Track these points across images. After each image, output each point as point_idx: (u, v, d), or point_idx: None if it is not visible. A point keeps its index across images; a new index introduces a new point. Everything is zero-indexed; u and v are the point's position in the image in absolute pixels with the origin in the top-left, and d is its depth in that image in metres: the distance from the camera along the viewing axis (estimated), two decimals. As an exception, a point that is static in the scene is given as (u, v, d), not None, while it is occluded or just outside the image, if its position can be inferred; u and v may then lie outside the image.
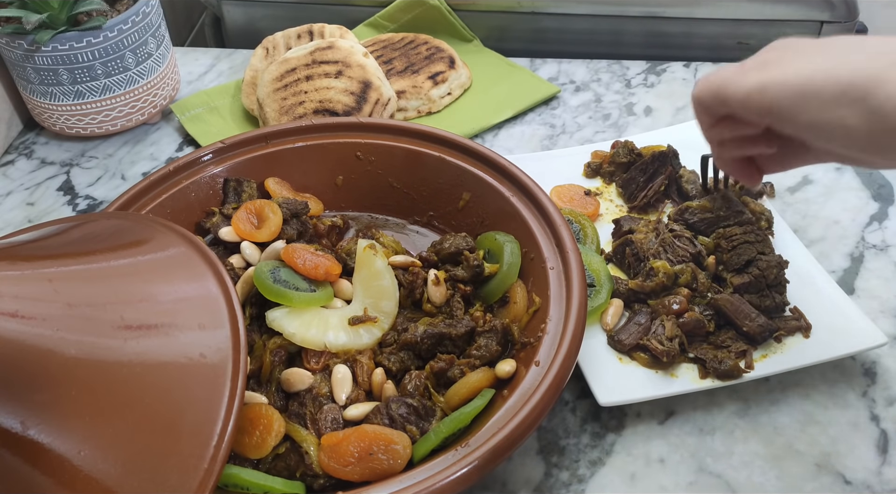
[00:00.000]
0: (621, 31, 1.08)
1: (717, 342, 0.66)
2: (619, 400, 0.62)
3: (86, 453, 0.47)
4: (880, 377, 0.67)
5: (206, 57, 1.07)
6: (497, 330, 0.62)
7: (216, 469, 0.47)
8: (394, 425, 0.56)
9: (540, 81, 0.99)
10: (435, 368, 0.60)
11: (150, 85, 0.91)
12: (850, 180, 0.85)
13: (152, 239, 0.60)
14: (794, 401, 0.65)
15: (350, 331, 0.62)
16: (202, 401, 0.49)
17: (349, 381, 0.59)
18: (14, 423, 0.46)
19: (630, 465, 0.61)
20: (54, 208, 0.86)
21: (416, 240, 0.75)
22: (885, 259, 0.77)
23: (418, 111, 0.95)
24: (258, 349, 0.61)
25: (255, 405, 0.57)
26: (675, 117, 0.94)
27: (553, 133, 0.93)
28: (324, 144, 0.76)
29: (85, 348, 0.49)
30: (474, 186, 0.72)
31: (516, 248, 0.67)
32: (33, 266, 0.54)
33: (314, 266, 0.64)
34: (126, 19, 0.85)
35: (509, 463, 0.61)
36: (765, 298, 0.68)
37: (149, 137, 0.94)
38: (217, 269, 0.57)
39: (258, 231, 0.69)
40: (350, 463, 0.54)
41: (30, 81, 0.87)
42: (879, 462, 0.61)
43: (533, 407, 0.54)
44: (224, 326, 0.53)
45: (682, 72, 1.01)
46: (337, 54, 0.92)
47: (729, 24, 1.06)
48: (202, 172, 0.74)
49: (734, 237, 0.71)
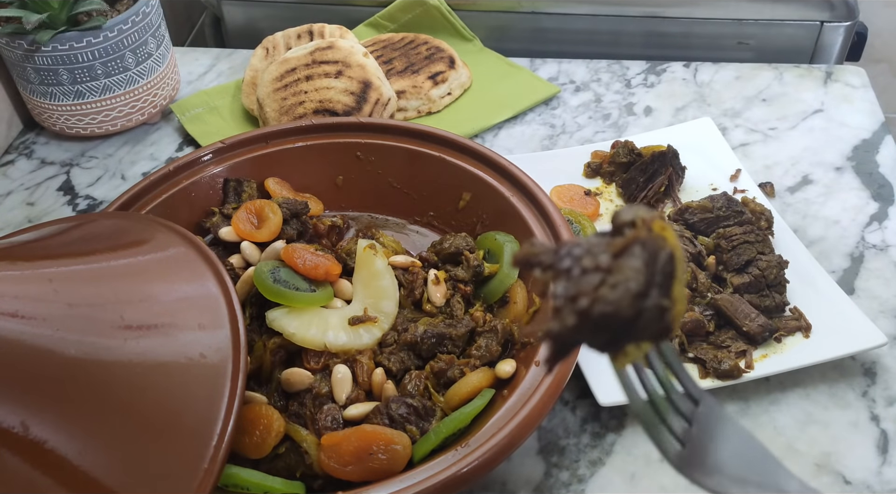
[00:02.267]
0: (621, 31, 1.08)
1: (717, 342, 0.66)
2: (620, 400, 0.62)
3: (86, 453, 0.47)
4: (880, 377, 0.67)
5: (206, 57, 1.07)
6: (497, 330, 0.62)
7: (216, 469, 0.47)
8: (394, 425, 0.56)
9: (540, 81, 0.99)
10: (435, 368, 0.60)
11: (150, 85, 0.91)
12: (851, 180, 0.85)
13: (152, 239, 0.60)
14: (794, 401, 0.65)
15: (350, 331, 0.62)
16: (202, 401, 0.49)
17: (349, 381, 0.59)
18: (14, 423, 0.46)
19: (630, 465, 0.61)
20: (54, 208, 0.86)
21: (416, 240, 0.75)
22: (885, 259, 0.77)
23: (418, 111, 0.95)
24: (258, 349, 0.61)
25: (255, 405, 0.57)
26: (675, 117, 0.94)
27: (553, 133, 0.93)
28: (324, 144, 0.76)
29: (85, 348, 0.49)
30: (474, 186, 0.72)
31: (516, 248, 0.67)
32: (33, 266, 0.54)
33: (314, 266, 0.64)
34: (126, 19, 0.85)
35: (509, 463, 0.61)
36: (765, 298, 0.68)
37: (149, 137, 0.94)
38: (217, 269, 0.57)
39: (258, 231, 0.68)
40: (350, 463, 0.54)
41: (30, 81, 0.87)
42: (879, 462, 0.61)
43: (533, 407, 0.54)
44: (224, 326, 0.53)
45: (682, 72, 1.01)
46: (337, 54, 0.92)
47: (729, 24, 1.06)
48: (202, 172, 0.74)
49: (734, 237, 0.71)
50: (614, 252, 0.31)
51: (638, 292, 0.31)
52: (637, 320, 0.31)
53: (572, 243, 0.33)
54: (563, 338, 0.31)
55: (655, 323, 0.31)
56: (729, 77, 1.00)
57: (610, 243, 0.32)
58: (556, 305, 0.31)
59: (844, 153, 0.89)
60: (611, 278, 0.31)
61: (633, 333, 0.32)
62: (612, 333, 0.31)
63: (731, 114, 0.94)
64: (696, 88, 0.99)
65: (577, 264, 0.32)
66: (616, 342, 0.32)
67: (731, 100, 0.97)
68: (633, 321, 0.31)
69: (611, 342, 0.32)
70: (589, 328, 0.31)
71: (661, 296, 0.31)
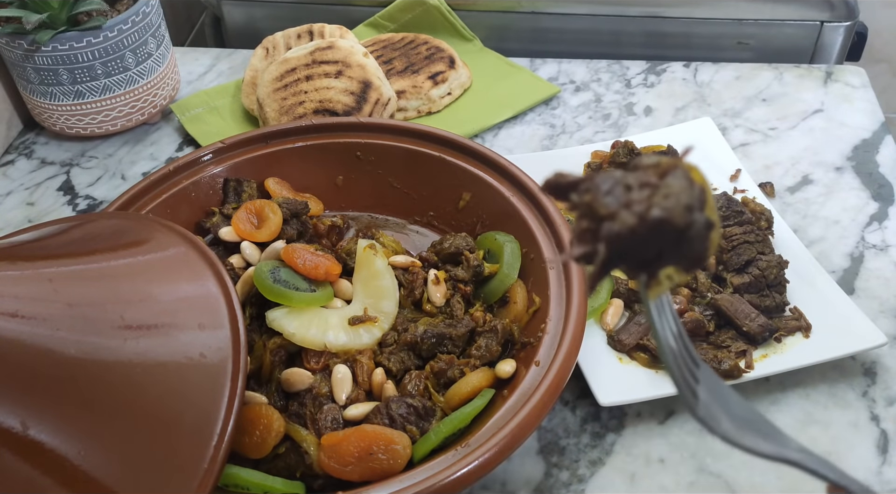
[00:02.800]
0: (621, 31, 1.08)
1: (717, 342, 0.66)
2: (619, 400, 0.62)
3: (86, 453, 0.47)
4: (880, 377, 0.67)
5: (206, 57, 1.07)
6: (497, 330, 0.62)
7: (216, 469, 0.47)
8: (394, 425, 0.56)
9: (540, 81, 0.99)
10: (435, 368, 0.60)
11: (150, 85, 0.91)
12: (851, 180, 0.85)
13: (152, 239, 0.60)
14: (794, 401, 0.65)
15: (350, 331, 0.62)
16: (202, 401, 0.49)
17: (349, 381, 0.59)
18: (14, 423, 0.46)
19: (630, 465, 0.61)
20: (54, 208, 0.86)
21: (416, 240, 0.75)
22: (885, 259, 0.77)
23: (418, 111, 0.95)
24: (258, 349, 0.61)
25: (255, 405, 0.57)
26: (675, 117, 0.94)
27: (553, 133, 0.93)
28: (324, 144, 0.76)
29: (85, 348, 0.49)
30: (474, 186, 0.72)
31: (516, 248, 0.67)
32: (33, 266, 0.54)
33: (314, 266, 0.64)
34: (126, 19, 0.85)
35: (509, 463, 0.61)
36: (765, 298, 0.68)
37: (149, 137, 0.94)
38: (217, 269, 0.57)
39: (258, 231, 0.68)
40: (350, 463, 0.54)
41: (30, 81, 0.87)
42: (879, 462, 0.61)
43: (533, 407, 0.54)
44: (224, 326, 0.53)
45: (682, 72, 1.01)
46: (337, 54, 0.92)
47: (729, 24, 1.06)
48: (202, 172, 0.74)
49: (734, 237, 0.71)
50: (660, 173, 0.32)
51: (688, 205, 0.31)
52: (687, 231, 0.31)
53: (604, 174, 0.33)
54: (621, 240, 0.31)
55: (700, 242, 0.31)
56: (729, 77, 1.00)
57: (654, 166, 0.32)
58: (609, 209, 0.31)
59: (844, 153, 0.89)
60: (661, 191, 0.31)
61: (678, 250, 0.32)
62: (660, 247, 0.31)
63: (731, 114, 0.94)
64: (696, 88, 0.99)
65: (621, 183, 0.32)
66: (658, 261, 0.32)
67: (731, 100, 0.97)
68: (683, 233, 0.31)
69: (653, 261, 0.32)
70: (642, 236, 0.31)
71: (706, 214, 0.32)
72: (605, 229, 0.31)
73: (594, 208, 0.32)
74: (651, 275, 0.33)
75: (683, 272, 0.33)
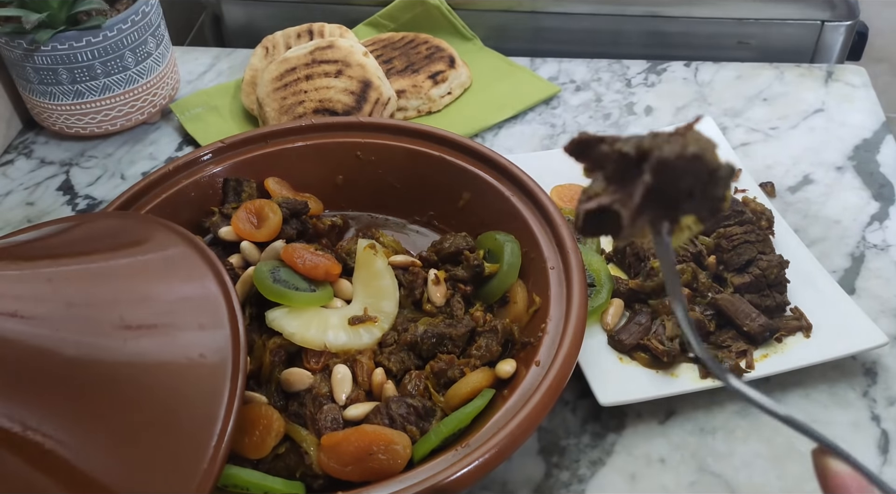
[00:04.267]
0: (621, 31, 1.08)
1: (717, 341, 0.66)
2: (620, 400, 0.62)
3: (85, 453, 0.47)
4: (881, 377, 0.67)
5: (206, 56, 1.07)
6: (497, 330, 0.62)
7: (216, 470, 0.47)
8: (394, 425, 0.56)
9: (540, 81, 0.99)
10: (435, 368, 0.60)
11: (150, 84, 0.91)
12: (851, 180, 0.85)
13: (152, 239, 0.60)
14: (794, 401, 0.65)
15: (350, 331, 0.62)
16: (202, 401, 0.49)
17: (349, 381, 0.59)
18: (14, 423, 0.46)
19: (630, 465, 0.61)
20: (54, 208, 0.86)
21: (416, 240, 0.75)
22: (885, 259, 0.77)
23: (418, 111, 0.95)
24: (258, 349, 0.61)
25: (255, 405, 0.57)
26: (675, 117, 0.94)
27: (553, 133, 0.93)
28: (324, 144, 0.76)
29: (85, 348, 0.49)
30: (474, 185, 0.72)
31: (516, 248, 0.67)
32: (33, 266, 0.54)
33: (314, 266, 0.64)
34: (126, 19, 0.85)
35: (509, 463, 0.61)
36: (765, 298, 0.68)
37: (148, 136, 0.94)
38: (217, 269, 0.57)
39: (258, 231, 0.68)
40: (350, 463, 0.54)
41: (29, 81, 0.87)
42: (880, 462, 0.61)
43: (533, 407, 0.54)
44: (224, 326, 0.53)
45: (682, 71, 1.01)
46: (337, 54, 0.92)
47: (729, 23, 1.06)
48: (202, 172, 0.74)
49: (735, 237, 0.71)
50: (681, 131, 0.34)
51: (716, 149, 0.34)
52: (717, 170, 0.33)
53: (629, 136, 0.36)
54: (666, 168, 0.33)
55: (724, 185, 0.34)
56: (729, 77, 1.00)
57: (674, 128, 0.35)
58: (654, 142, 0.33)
59: (845, 153, 0.89)
60: (690, 137, 0.34)
61: (704, 192, 0.34)
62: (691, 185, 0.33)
63: (731, 113, 0.94)
64: (696, 88, 0.98)
65: (652, 133, 0.34)
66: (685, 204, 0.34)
67: (731, 99, 0.96)
68: (713, 173, 0.33)
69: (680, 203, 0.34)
70: (681, 170, 0.33)
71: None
72: (653, 157, 0.33)
73: (640, 144, 0.34)
74: (674, 221, 0.35)
75: (700, 222, 0.35)
